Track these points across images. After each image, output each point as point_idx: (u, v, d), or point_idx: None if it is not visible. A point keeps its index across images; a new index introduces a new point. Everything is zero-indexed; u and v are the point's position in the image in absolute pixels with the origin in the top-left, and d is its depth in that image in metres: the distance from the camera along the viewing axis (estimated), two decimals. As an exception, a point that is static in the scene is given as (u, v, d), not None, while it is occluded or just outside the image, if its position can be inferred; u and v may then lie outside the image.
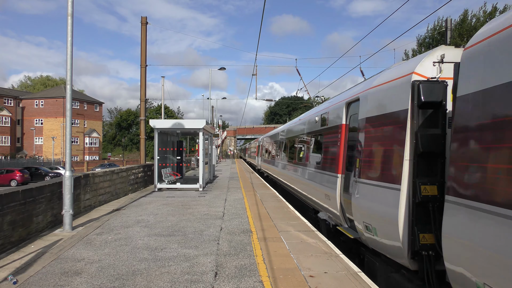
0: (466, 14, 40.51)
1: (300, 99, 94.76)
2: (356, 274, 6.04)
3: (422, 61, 5.73)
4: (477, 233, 3.89)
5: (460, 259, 4.18)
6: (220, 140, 71.18)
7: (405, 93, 5.73)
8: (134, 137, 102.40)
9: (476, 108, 4.10)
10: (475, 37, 4.37)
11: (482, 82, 4.05)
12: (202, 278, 5.87)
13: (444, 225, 4.42)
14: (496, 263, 3.61)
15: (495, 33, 4.00)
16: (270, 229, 9.35)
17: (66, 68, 9.47)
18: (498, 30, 3.96)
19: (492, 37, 4.03)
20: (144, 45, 22.79)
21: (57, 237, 8.63)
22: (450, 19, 17.87)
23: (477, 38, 4.31)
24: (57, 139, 78.47)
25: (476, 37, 4.35)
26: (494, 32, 4.02)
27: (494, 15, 36.57)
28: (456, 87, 4.57)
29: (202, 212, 11.84)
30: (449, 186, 4.45)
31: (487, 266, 3.74)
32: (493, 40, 4.01)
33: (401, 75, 6.09)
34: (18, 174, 37.37)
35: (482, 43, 4.18)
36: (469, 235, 4.00)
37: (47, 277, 5.93)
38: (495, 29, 4.01)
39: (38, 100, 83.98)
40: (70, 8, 9.48)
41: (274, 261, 6.72)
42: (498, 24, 4.01)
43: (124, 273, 6.07)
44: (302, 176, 12.84)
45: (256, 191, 17.92)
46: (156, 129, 17.99)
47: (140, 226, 9.65)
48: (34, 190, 8.88)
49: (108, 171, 14.53)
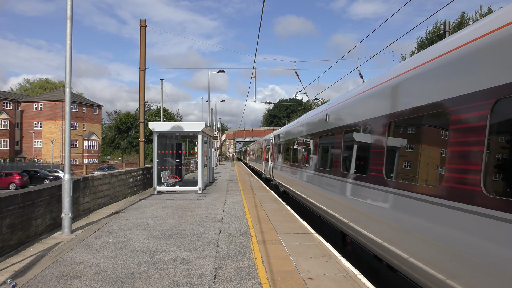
0: (463, 17, 40.73)
1: (299, 102, 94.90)
2: (355, 277, 6.04)
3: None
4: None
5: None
6: (219, 143, 71.19)
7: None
8: (133, 140, 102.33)
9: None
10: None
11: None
12: (201, 280, 5.87)
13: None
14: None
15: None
16: (269, 231, 9.36)
17: (65, 71, 9.49)
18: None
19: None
20: (143, 48, 22.82)
21: (56, 240, 8.62)
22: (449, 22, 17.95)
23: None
24: (56, 142, 78.43)
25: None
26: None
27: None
28: None
29: (201, 214, 11.83)
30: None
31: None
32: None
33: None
34: (17, 177, 37.32)
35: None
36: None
37: (46, 280, 5.92)
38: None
39: (37, 103, 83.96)
40: (69, 12, 9.50)
41: (273, 263, 6.72)
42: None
43: (123, 276, 6.07)
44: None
45: (255, 193, 17.92)
46: (155, 132, 18.00)
47: (139, 229, 9.65)
48: (33, 193, 8.87)
49: (107, 174, 14.53)
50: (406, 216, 5.18)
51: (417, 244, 4.87)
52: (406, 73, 5.71)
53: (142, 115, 23.07)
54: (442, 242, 4.31)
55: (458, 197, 4.05)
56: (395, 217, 5.52)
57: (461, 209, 3.99)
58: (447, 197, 4.25)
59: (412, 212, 5.01)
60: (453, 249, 4.10)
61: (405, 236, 5.22)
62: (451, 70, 4.49)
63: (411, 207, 5.04)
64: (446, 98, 4.46)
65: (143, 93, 22.97)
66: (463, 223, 3.93)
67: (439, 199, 4.41)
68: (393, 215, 5.58)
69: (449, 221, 4.19)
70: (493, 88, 3.69)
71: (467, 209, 3.89)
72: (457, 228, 4.04)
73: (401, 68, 6.10)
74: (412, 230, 4.98)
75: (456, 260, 4.07)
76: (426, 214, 4.65)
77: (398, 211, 5.44)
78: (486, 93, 3.78)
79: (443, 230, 4.29)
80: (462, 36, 4.59)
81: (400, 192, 5.40)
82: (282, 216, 11.63)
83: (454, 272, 4.14)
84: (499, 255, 3.40)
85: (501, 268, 3.41)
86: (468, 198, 3.88)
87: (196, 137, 19.33)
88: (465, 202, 3.93)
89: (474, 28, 4.41)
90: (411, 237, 5.03)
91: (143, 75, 22.84)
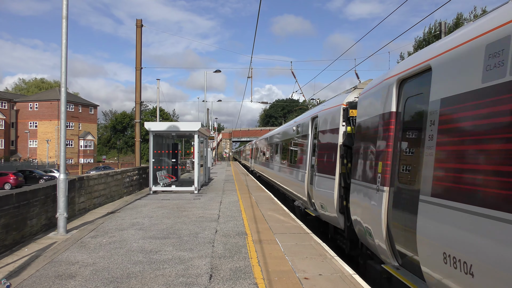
0: (459, 17, 40.99)
1: (295, 102, 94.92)
2: (351, 276, 6.06)
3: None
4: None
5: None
6: (215, 143, 71.12)
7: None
8: (129, 140, 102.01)
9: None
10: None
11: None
12: (197, 280, 5.87)
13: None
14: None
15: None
16: (265, 231, 9.36)
17: (61, 70, 9.45)
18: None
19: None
20: (139, 48, 22.76)
21: (51, 240, 8.59)
22: (445, 23, 18.06)
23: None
24: (52, 142, 78.09)
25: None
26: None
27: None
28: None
29: (197, 214, 11.82)
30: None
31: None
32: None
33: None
34: (12, 177, 37.12)
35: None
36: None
37: (41, 280, 5.90)
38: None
39: (33, 102, 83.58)
40: (64, 11, 9.46)
41: (269, 263, 6.73)
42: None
43: (118, 276, 6.06)
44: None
45: (252, 193, 17.93)
46: (151, 132, 17.96)
47: (135, 229, 9.63)
48: (28, 193, 8.83)
49: (103, 174, 14.48)
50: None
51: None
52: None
53: (138, 115, 23.01)
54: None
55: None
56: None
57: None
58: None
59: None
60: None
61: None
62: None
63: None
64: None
65: (139, 93, 22.92)
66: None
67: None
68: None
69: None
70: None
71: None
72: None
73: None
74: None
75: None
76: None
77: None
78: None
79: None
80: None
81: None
82: (278, 216, 11.64)
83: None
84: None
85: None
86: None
87: (192, 137, 19.29)
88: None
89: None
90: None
91: (139, 75, 22.78)
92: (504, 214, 3.21)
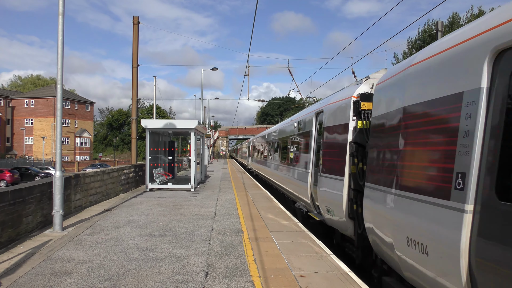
0: (455, 17, 41.06)
1: (292, 100, 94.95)
2: (347, 274, 6.09)
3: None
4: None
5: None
6: (212, 141, 71.08)
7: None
8: (126, 137, 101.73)
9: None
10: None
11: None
12: (193, 278, 5.88)
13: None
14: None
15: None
16: (262, 229, 9.38)
17: (57, 67, 9.41)
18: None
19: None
20: (136, 45, 22.69)
21: (47, 238, 8.57)
22: (441, 22, 18.07)
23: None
24: (48, 139, 77.72)
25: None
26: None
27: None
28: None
29: (194, 212, 11.82)
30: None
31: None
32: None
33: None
34: (8, 174, 36.93)
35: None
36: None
37: (36, 277, 5.89)
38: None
39: (29, 99, 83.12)
40: (61, 7, 9.42)
41: (265, 261, 6.75)
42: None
43: (114, 274, 6.05)
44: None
45: (248, 191, 17.94)
46: (147, 129, 17.93)
47: (131, 227, 9.62)
48: (24, 190, 8.80)
49: (99, 171, 14.44)
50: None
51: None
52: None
53: (135, 112, 22.96)
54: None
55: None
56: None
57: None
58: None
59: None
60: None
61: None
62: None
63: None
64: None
65: (136, 90, 22.86)
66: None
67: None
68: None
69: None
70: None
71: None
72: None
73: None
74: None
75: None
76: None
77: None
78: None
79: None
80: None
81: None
82: (274, 214, 11.66)
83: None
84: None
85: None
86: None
87: (189, 135, 19.30)
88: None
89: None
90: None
91: (136, 72, 22.72)
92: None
